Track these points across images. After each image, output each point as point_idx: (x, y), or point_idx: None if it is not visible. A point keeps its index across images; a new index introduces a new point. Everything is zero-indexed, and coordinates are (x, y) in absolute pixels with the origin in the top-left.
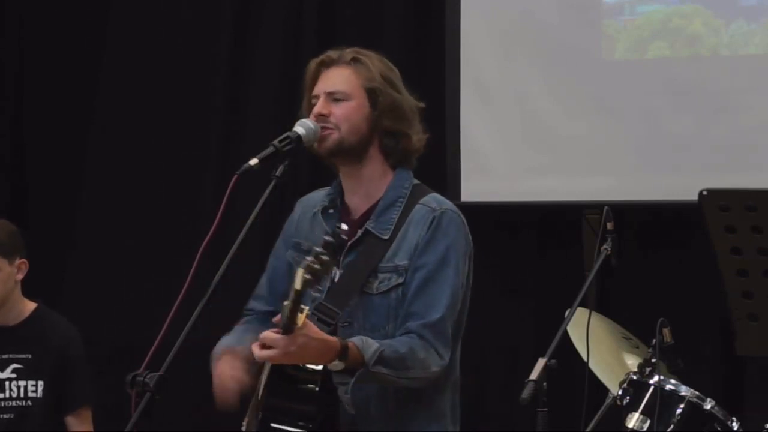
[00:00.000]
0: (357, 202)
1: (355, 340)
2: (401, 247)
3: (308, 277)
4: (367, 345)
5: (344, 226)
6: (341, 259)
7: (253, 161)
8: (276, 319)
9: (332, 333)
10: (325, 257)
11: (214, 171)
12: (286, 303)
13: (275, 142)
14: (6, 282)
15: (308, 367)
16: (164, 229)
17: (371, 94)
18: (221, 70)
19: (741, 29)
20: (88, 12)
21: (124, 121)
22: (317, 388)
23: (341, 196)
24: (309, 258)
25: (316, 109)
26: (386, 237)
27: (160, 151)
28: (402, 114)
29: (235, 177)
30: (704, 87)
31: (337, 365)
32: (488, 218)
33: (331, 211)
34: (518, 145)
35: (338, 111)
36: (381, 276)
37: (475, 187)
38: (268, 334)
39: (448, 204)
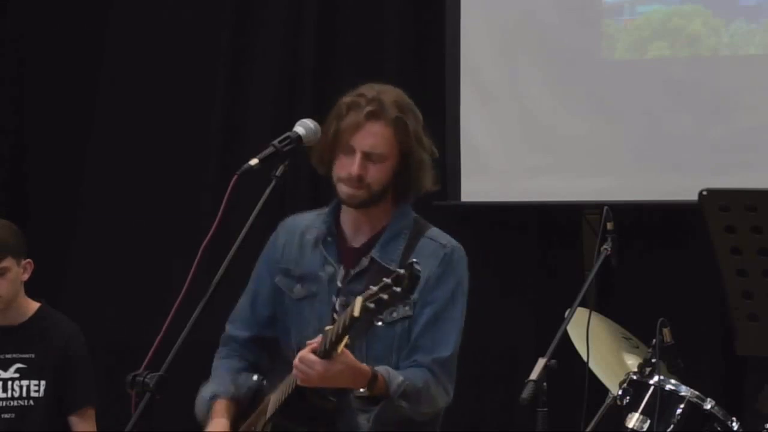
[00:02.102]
0: (358, 232)
1: (381, 371)
2: None
3: (371, 305)
4: (393, 376)
5: (416, 264)
6: (343, 286)
7: (253, 161)
8: (312, 342)
9: None
10: (397, 289)
11: (214, 171)
12: (329, 328)
13: (275, 142)
14: (14, 282)
15: (329, 397)
16: (164, 229)
17: (404, 154)
18: (221, 70)
19: (741, 29)
20: (89, 12)
21: (124, 120)
22: (333, 413)
23: (337, 222)
24: (373, 288)
25: (354, 171)
26: (393, 267)
27: (160, 151)
28: (425, 170)
29: (235, 177)
30: (704, 87)
31: (363, 392)
32: (488, 218)
33: (329, 239)
34: (518, 145)
35: (374, 173)
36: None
37: (474, 187)
38: (309, 356)
39: (454, 241)
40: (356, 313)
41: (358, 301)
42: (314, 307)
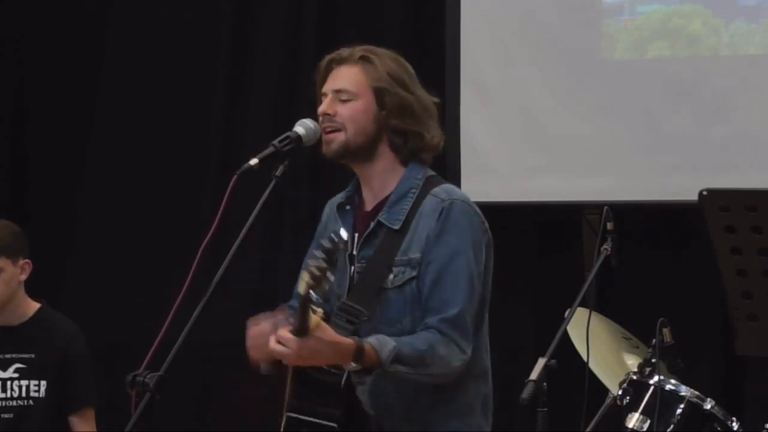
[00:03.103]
0: (371, 195)
1: (372, 340)
2: (414, 239)
3: (311, 282)
4: (383, 344)
5: (343, 232)
6: (356, 253)
7: (253, 161)
8: (292, 319)
9: (355, 331)
10: (323, 263)
11: (214, 171)
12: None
13: (275, 142)
14: (9, 282)
15: (332, 370)
16: (164, 229)
17: (379, 93)
18: (221, 70)
19: (741, 29)
20: (89, 12)
21: (124, 120)
22: (341, 389)
23: (358, 191)
24: (310, 262)
25: (321, 108)
26: (397, 227)
27: (160, 152)
28: (411, 113)
29: (235, 177)
30: (704, 87)
31: (353, 367)
32: (488, 218)
33: (347, 207)
34: (518, 145)
35: (344, 111)
36: (396, 270)
37: (474, 187)
38: (283, 333)
39: (458, 194)
40: (301, 290)
41: (303, 276)
42: (337, 277)
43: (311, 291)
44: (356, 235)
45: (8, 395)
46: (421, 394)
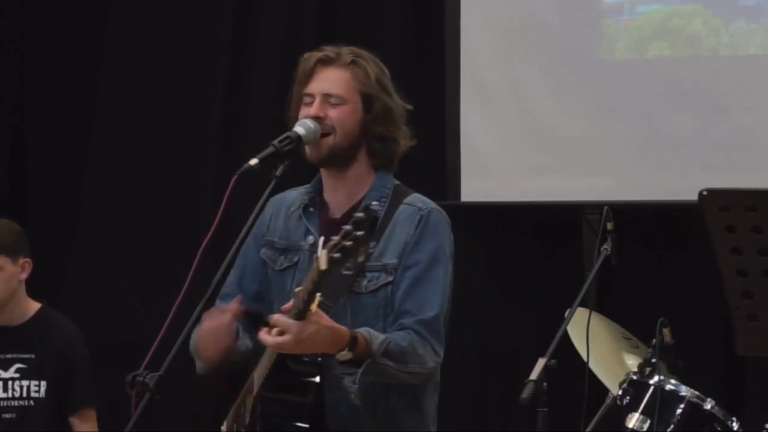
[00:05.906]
0: (338, 201)
1: (362, 331)
2: (389, 246)
3: (336, 255)
4: (375, 336)
5: (375, 203)
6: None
7: (253, 161)
8: (286, 307)
9: None
10: (358, 233)
11: (214, 171)
12: (299, 289)
13: (275, 142)
14: (9, 281)
15: (306, 360)
16: (164, 229)
17: (366, 99)
18: (221, 70)
19: (741, 29)
20: (89, 12)
21: (124, 120)
22: (316, 380)
23: (320, 194)
24: (335, 238)
25: (312, 111)
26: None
27: (160, 151)
28: (392, 119)
29: (235, 177)
30: (704, 87)
31: (345, 355)
32: (488, 218)
33: (311, 209)
34: (518, 145)
35: (334, 114)
36: (369, 275)
37: (475, 187)
38: (282, 318)
39: (433, 204)
40: (323, 266)
41: (323, 253)
42: (295, 278)
43: (333, 268)
44: (322, 238)
45: (10, 395)
46: (391, 394)
